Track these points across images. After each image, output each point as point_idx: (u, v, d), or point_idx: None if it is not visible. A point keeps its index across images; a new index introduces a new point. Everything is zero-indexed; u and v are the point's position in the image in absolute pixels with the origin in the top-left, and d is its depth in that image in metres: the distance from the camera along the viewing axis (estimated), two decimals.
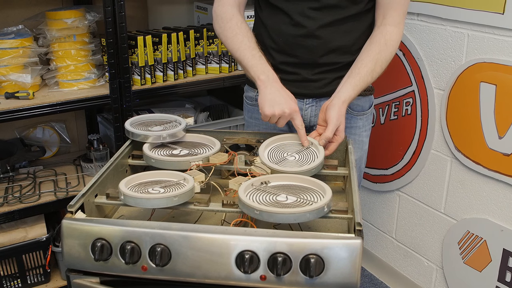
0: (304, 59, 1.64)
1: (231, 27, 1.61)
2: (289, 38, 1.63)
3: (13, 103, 2.02)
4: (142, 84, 2.22)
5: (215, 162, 1.43)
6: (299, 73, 1.67)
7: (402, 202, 2.40)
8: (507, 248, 1.93)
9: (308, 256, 1.09)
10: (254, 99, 1.80)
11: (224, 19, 1.63)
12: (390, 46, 1.58)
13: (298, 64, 1.66)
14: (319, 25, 1.59)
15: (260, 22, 1.71)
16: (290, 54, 1.65)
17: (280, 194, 1.23)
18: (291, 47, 1.64)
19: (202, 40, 2.34)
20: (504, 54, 1.83)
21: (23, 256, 2.18)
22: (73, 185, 2.26)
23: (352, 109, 1.72)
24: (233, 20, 1.61)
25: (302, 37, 1.61)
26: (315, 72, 1.65)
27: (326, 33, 1.60)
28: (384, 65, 1.59)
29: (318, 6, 1.58)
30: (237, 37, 1.59)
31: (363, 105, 1.75)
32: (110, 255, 1.16)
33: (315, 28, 1.60)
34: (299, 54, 1.64)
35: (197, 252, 1.12)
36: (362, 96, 1.72)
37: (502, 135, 1.86)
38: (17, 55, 2.07)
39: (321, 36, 1.61)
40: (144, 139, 1.51)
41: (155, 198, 1.21)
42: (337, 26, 1.61)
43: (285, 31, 1.63)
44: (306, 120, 1.74)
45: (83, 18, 2.16)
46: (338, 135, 1.50)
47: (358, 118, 1.75)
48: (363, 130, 1.78)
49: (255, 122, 1.83)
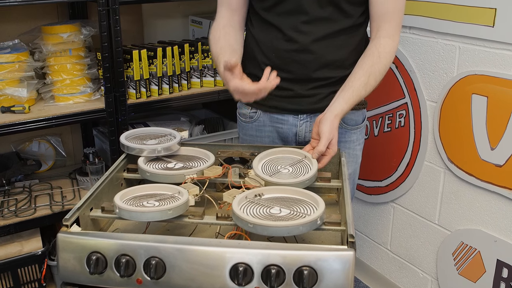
0: (298, 74, 1.64)
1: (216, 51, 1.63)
2: (282, 53, 1.63)
3: (9, 117, 2.03)
4: (137, 98, 2.23)
5: (209, 176, 1.44)
6: (293, 89, 1.67)
7: (396, 213, 2.41)
8: (501, 259, 1.94)
9: (302, 268, 1.10)
10: (247, 116, 1.79)
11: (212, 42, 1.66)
12: (383, 58, 1.58)
13: (292, 80, 1.65)
14: (312, 39, 1.60)
15: (252, 37, 1.71)
16: (283, 70, 1.63)
17: (273, 206, 1.25)
18: (284, 62, 1.64)
19: (197, 53, 2.36)
20: (495, 66, 1.85)
21: (18, 270, 2.17)
22: (69, 198, 2.26)
23: (345, 123, 1.73)
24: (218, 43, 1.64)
25: (295, 52, 1.62)
26: (309, 88, 1.66)
27: (319, 47, 1.61)
28: (378, 77, 1.58)
29: (309, 20, 1.58)
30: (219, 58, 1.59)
31: (357, 119, 1.76)
32: (105, 268, 1.16)
33: (308, 42, 1.60)
34: (292, 69, 1.64)
35: (192, 264, 1.13)
36: (355, 110, 1.72)
37: (494, 147, 1.88)
38: (13, 69, 2.08)
39: (314, 51, 1.61)
40: (139, 153, 1.52)
41: (150, 211, 1.22)
42: (330, 40, 1.61)
43: (277, 46, 1.63)
44: (301, 135, 1.74)
45: (79, 32, 2.18)
46: (331, 149, 1.51)
47: (352, 132, 1.76)
48: (357, 144, 1.79)
49: (249, 139, 1.83)
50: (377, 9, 1.59)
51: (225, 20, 1.69)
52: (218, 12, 1.72)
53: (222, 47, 1.62)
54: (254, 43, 1.70)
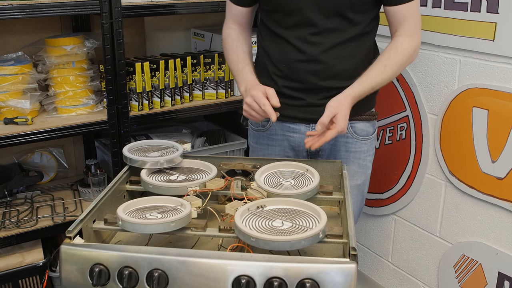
0: (308, 84, 1.67)
1: (225, 47, 1.79)
2: (292, 63, 1.66)
3: (11, 129, 2.04)
4: (139, 110, 2.24)
5: (211, 188, 1.44)
6: (304, 98, 1.69)
7: (397, 226, 2.41)
8: (502, 272, 1.94)
9: (304, 280, 1.10)
10: (259, 125, 1.82)
11: (223, 40, 1.80)
12: (401, 53, 1.61)
13: (302, 89, 1.68)
14: (321, 50, 1.63)
15: (262, 50, 1.75)
16: (294, 80, 1.67)
17: (275, 219, 1.25)
18: (295, 73, 1.67)
19: (199, 66, 2.37)
20: (496, 80, 1.86)
21: (19, 281, 2.17)
22: (71, 210, 2.27)
23: (357, 134, 1.75)
24: (227, 40, 1.78)
25: (304, 63, 1.64)
26: (320, 97, 1.67)
27: (328, 57, 1.63)
28: (394, 68, 1.61)
29: (317, 31, 1.61)
30: (229, 54, 1.77)
31: (368, 129, 1.77)
32: (108, 280, 1.16)
33: (317, 53, 1.63)
34: (302, 79, 1.67)
35: (194, 277, 1.13)
36: (366, 120, 1.74)
37: (495, 159, 1.89)
38: (16, 81, 2.10)
39: (324, 61, 1.63)
40: (141, 165, 1.52)
41: (152, 223, 1.23)
42: (339, 49, 1.63)
43: (287, 57, 1.66)
44: None
45: (82, 45, 2.20)
46: (336, 123, 1.50)
47: (362, 142, 1.77)
48: (367, 155, 1.80)
49: (260, 148, 1.85)
50: (392, 17, 1.64)
51: (237, 31, 1.79)
52: (227, 23, 1.81)
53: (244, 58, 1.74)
54: (264, 55, 1.74)
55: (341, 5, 1.58)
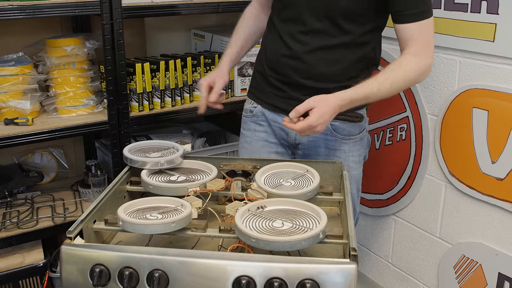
0: (290, 78, 1.71)
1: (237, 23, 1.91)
2: (279, 57, 1.71)
3: (12, 129, 2.04)
4: (140, 111, 2.24)
5: (212, 188, 1.44)
6: (286, 91, 1.73)
7: (397, 226, 2.41)
8: (503, 272, 1.94)
9: (304, 281, 1.10)
10: (248, 111, 1.88)
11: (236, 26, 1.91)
12: (404, 69, 1.57)
13: (285, 83, 1.73)
14: (306, 49, 1.65)
15: (265, 37, 1.82)
16: (279, 72, 1.73)
17: (276, 219, 1.25)
18: (279, 66, 1.72)
19: (200, 67, 2.37)
20: (495, 81, 1.86)
21: (19, 282, 2.17)
22: (71, 210, 2.27)
23: (336, 132, 1.75)
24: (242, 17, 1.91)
25: (289, 58, 1.68)
26: (301, 93, 1.69)
27: (312, 58, 1.65)
28: (395, 83, 1.56)
29: (305, 30, 1.64)
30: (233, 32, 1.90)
31: (350, 130, 1.76)
32: (109, 280, 1.17)
33: (302, 52, 1.65)
34: (285, 73, 1.71)
35: (195, 277, 1.13)
36: (348, 121, 1.73)
37: (495, 160, 1.89)
38: (17, 82, 2.10)
39: (307, 61, 1.66)
40: (142, 166, 1.53)
41: (153, 224, 1.23)
42: (325, 53, 1.65)
43: (276, 50, 1.72)
44: (292, 137, 1.80)
45: (82, 45, 2.20)
46: (310, 116, 1.48)
47: (343, 142, 1.77)
48: (350, 155, 1.79)
49: (248, 134, 1.90)
50: (399, 34, 1.61)
51: (255, 11, 1.89)
52: (252, 1, 1.92)
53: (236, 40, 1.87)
54: (264, 43, 1.81)
55: (333, 10, 1.59)
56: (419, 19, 1.55)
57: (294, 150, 1.85)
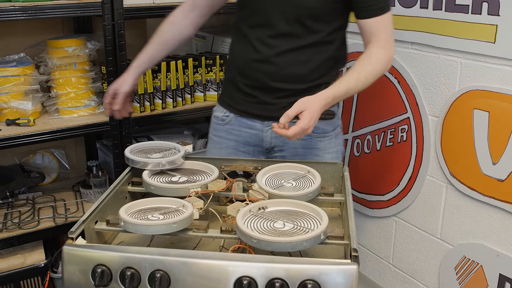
0: (260, 83, 1.71)
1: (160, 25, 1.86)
2: (248, 62, 1.71)
3: (13, 130, 2.04)
4: (141, 112, 2.25)
5: (213, 189, 1.45)
6: (257, 96, 1.73)
7: (398, 227, 2.41)
8: (503, 273, 1.94)
9: (305, 281, 1.10)
10: (220, 119, 1.86)
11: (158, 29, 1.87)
12: (374, 62, 1.62)
13: (256, 87, 1.72)
14: (275, 52, 1.66)
15: (232, 45, 1.82)
16: (248, 77, 1.72)
17: (277, 220, 1.25)
18: (249, 71, 1.72)
19: (201, 68, 2.38)
20: (496, 82, 1.87)
21: (21, 282, 2.18)
22: (72, 211, 2.27)
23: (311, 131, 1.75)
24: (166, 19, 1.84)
25: (258, 62, 1.68)
26: (272, 97, 1.71)
27: (282, 60, 1.66)
28: (369, 76, 1.61)
29: (274, 34, 1.65)
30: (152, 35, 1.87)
31: (324, 127, 1.77)
32: (110, 281, 1.17)
33: (272, 55, 1.66)
34: (256, 78, 1.71)
35: (196, 278, 1.14)
36: (322, 119, 1.70)
37: (496, 161, 1.89)
38: (18, 82, 2.10)
39: (276, 63, 1.66)
40: (143, 166, 1.53)
41: (154, 224, 1.23)
42: (294, 54, 1.66)
43: (245, 55, 1.72)
44: (267, 141, 1.78)
45: (84, 46, 2.20)
46: (301, 119, 1.48)
47: (318, 140, 1.78)
48: (327, 153, 1.80)
49: (218, 140, 1.88)
50: (363, 29, 1.65)
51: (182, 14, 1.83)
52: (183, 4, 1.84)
53: (148, 47, 1.87)
54: (233, 50, 1.81)
55: (302, 12, 1.61)
56: (381, 13, 1.62)
57: (269, 155, 1.83)
